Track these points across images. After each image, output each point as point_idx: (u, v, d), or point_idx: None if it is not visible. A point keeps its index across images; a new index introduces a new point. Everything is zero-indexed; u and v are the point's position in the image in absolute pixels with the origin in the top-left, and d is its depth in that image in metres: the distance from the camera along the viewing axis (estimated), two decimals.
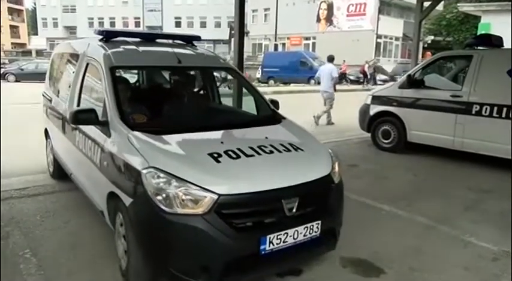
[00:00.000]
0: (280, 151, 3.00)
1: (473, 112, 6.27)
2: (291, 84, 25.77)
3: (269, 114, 3.83)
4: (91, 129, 3.36)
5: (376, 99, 7.72)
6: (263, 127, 3.50)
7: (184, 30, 48.56)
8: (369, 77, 27.79)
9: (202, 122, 3.49)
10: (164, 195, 2.53)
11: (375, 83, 26.06)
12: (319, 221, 2.84)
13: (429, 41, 37.05)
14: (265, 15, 43.92)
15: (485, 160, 6.32)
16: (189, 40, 4.40)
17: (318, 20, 39.26)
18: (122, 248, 2.94)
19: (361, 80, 27.72)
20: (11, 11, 71.43)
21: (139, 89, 4.39)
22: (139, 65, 4.12)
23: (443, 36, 36.36)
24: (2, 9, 68.66)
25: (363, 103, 8.02)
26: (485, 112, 6.16)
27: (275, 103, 4.04)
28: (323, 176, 2.99)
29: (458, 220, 4.27)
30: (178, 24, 53.47)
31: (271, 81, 27.20)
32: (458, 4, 28.96)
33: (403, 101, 7.23)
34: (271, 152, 2.96)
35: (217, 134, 3.21)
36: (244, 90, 5.04)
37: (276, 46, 42.18)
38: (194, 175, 2.58)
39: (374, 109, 7.69)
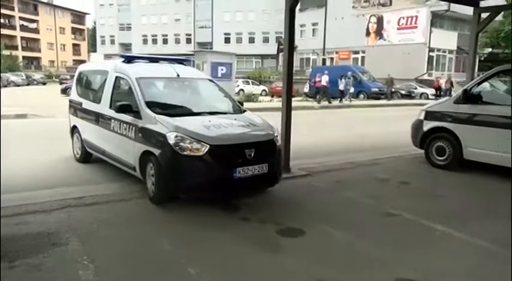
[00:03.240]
0: (243, 125, 5.29)
1: None
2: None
3: (237, 108, 6.02)
4: (126, 117, 5.43)
5: (430, 114, 7.46)
6: (233, 115, 5.69)
7: (232, 46, 49.68)
8: (443, 92, 26.82)
9: (197, 110, 5.57)
10: (179, 146, 4.65)
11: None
12: (267, 164, 4.93)
13: (486, 54, 35.40)
14: (313, 29, 43.97)
15: None
16: (181, 61, 6.68)
17: (368, 33, 38.73)
18: (151, 183, 5.00)
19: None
20: (74, 30, 76.51)
21: (156, 91, 6.01)
22: (153, 76, 6.01)
23: (502, 48, 34.64)
24: (67, 30, 73.65)
25: (415, 118, 7.78)
26: None
27: (241, 103, 6.46)
28: (268, 139, 5.15)
29: None
30: (227, 40, 54.72)
31: (319, 96, 26.99)
32: None
33: (458, 117, 6.94)
34: (239, 126, 5.23)
35: (207, 117, 5.31)
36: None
37: (324, 60, 42.17)
38: (196, 135, 4.70)
39: (428, 125, 7.43)
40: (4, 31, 61.13)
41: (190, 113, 5.39)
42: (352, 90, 24.79)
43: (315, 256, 3.66)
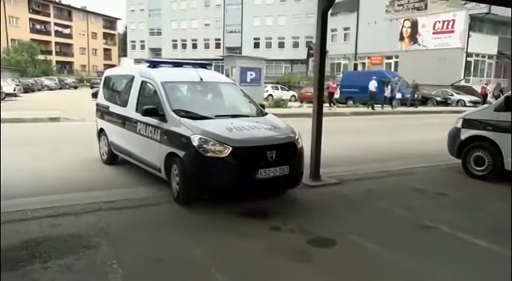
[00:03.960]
0: (265, 128, 5.49)
1: None
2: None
3: (259, 111, 6.23)
4: (151, 120, 5.67)
5: (468, 122, 7.25)
6: (255, 117, 5.92)
7: (262, 51, 49.86)
8: (489, 99, 25.82)
9: (220, 113, 5.80)
10: (203, 147, 4.87)
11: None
12: (288, 166, 5.15)
13: None
14: (345, 34, 43.64)
15: None
16: (204, 66, 6.91)
17: (401, 38, 38.09)
18: (175, 183, 5.25)
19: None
20: (105, 35, 78.83)
21: (180, 94, 6.20)
22: (178, 81, 6.26)
23: None
24: (99, 35, 75.95)
25: (452, 126, 7.58)
26: None
27: (262, 106, 6.58)
28: (290, 141, 5.37)
29: None
30: (256, 45, 55.04)
31: (350, 102, 26.73)
32: None
33: (499, 125, 6.70)
34: (260, 128, 5.43)
35: (229, 120, 5.50)
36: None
37: (355, 65, 41.78)
38: (219, 138, 4.91)
39: (465, 133, 7.22)
40: (40, 37, 63.78)
41: (213, 116, 5.58)
42: (399, 96, 24.28)
43: (346, 268, 3.61)
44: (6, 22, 58.57)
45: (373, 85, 22.78)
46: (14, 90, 29.69)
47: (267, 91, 30.44)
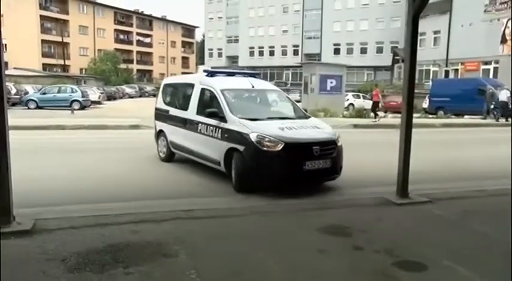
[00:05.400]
0: (310, 128, 6.89)
1: None
2: (465, 116, 23.62)
3: (303, 115, 7.80)
4: (212, 121, 7.00)
5: None
6: (300, 120, 7.31)
7: (342, 57, 49.33)
8: None
9: (270, 115, 7.27)
10: (261, 143, 6.16)
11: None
12: (330, 160, 6.47)
13: None
14: (435, 38, 41.61)
15: None
16: (253, 75, 8.52)
17: (503, 40, 35.38)
18: (234, 174, 6.51)
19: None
20: (183, 43, 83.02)
21: (236, 99, 7.45)
22: (234, 88, 7.61)
23: None
24: (177, 44, 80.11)
25: None
26: None
27: (305, 110, 8.79)
28: (331, 139, 6.68)
29: None
30: (337, 51, 54.55)
31: (441, 112, 25.32)
32: None
33: None
34: (307, 128, 6.84)
35: (279, 121, 6.89)
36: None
37: (447, 72, 39.58)
38: (273, 135, 6.23)
39: None
40: (123, 46, 68.98)
41: (265, 118, 6.99)
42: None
43: None
44: (95, 33, 64.19)
45: (505, 95, 21.29)
46: (99, 98, 32.38)
47: (348, 100, 29.96)
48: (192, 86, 8.05)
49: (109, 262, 3.76)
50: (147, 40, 75.56)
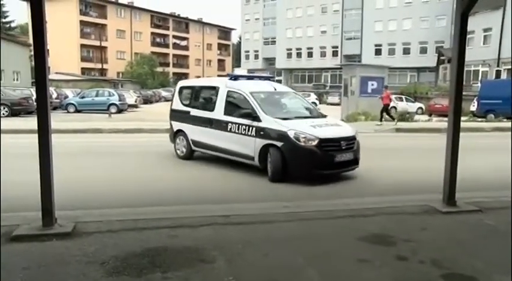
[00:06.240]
0: (334, 125, 8.32)
1: None
2: None
3: (320, 114, 8.91)
4: (243, 121, 7.99)
5: None
6: (320, 118, 8.47)
7: (384, 58, 48.55)
8: None
9: (295, 115, 8.41)
10: (298, 139, 7.34)
11: None
12: (352, 152, 7.85)
13: None
14: (485, 36, 40.18)
15: None
16: (269, 78, 9.98)
17: None
18: (270, 167, 7.56)
19: None
20: (220, 46, 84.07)
21: (264, 101, 8.33)
22: (260, 91, 8.61)
23: None
24: (213, 46, 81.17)
25: None
26: None
27: (321, 111, 9.38)
28: (352, 135, 8.01)
29: None
30: (378, 52, 53.74)
31: (491, 116, 24.39)
32: None
33: None
34: (332, 125, 8.22)
35: (305, 119, 8.15)
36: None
37: (498, 72, 38.02)
38: (309, 132, 7.47)
39: None
40: (159, 50, 70.64)
41: (293, 117, 8.16)
42: None
43: None
44: (132, 37, 66.10)
45: None
46: (135, 101, 33.31)
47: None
48: (215, 88, 8.98)
49: (147, 267, 3.85)
50: (183, 43, 77.01)
